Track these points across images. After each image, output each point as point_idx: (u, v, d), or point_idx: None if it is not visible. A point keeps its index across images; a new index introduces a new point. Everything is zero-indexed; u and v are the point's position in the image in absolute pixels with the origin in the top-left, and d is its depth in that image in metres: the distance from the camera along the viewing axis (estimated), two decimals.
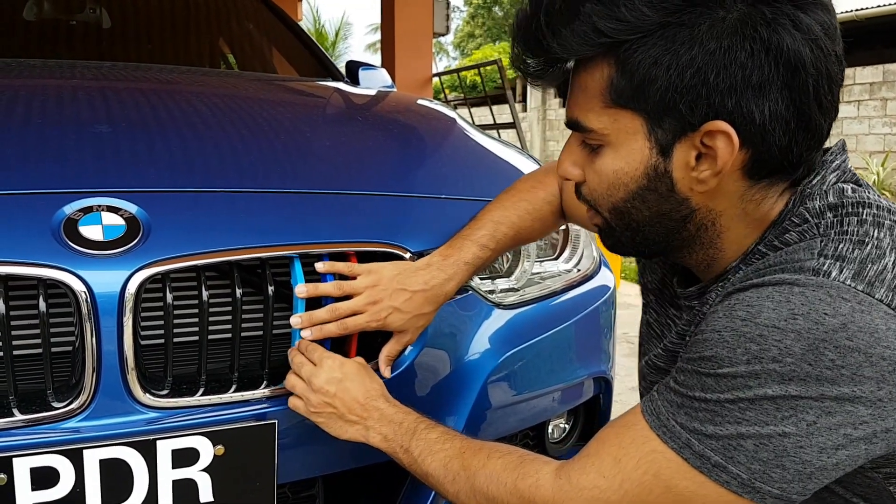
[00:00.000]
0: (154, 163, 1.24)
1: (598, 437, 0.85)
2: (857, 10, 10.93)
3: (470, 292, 1.35)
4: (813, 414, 0.71)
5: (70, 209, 1.05)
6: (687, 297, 0.94)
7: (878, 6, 10.77)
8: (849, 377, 0.70)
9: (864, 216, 0.78)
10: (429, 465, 0.96)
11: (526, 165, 1.71)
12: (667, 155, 0.80)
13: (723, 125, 0.76)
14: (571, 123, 0.86)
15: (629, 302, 5.10)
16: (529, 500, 0.86)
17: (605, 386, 1.65)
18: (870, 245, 0.75)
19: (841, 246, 0.75)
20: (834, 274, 0.73)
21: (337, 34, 21.96)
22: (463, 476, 0.92)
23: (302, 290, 1.10)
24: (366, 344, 1.22)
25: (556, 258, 1.61)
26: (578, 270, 1.61)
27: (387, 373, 1.19)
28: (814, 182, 0.82)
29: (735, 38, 0.74)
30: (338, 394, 1.06)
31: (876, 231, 0.76)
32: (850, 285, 0.72)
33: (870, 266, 0.73)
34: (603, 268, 1.68)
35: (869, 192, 0.82)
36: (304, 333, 1.12)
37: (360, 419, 1.05)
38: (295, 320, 1.12)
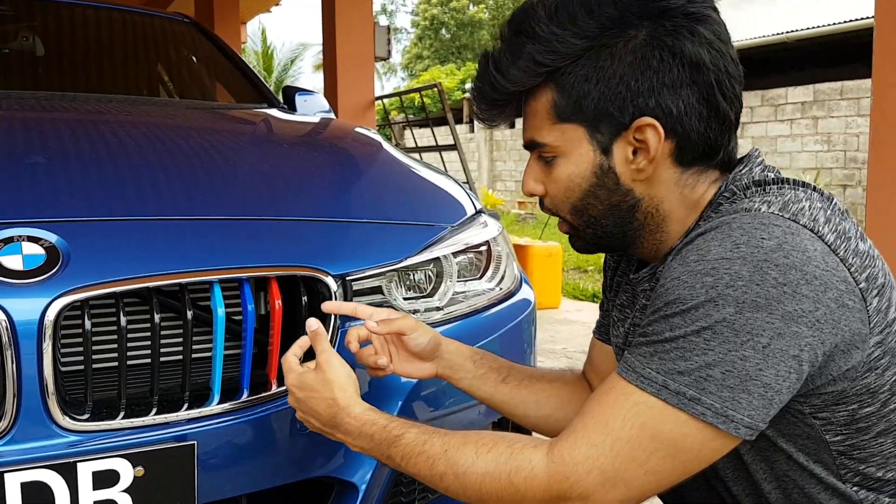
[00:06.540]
0: (76, 192, 1.27)
1: (582, 412, 0.90)
2: (787, 32, 11.32)
3: None
4: (766, 336, 0.80)
5: None
6: (640, 281, 1.05)
7: (808, 28, 11.17)
8: (790, 294, 0.81)
9: (784, 187, 0.93)
10: (413, 469, 0.98)
11: (450, 187, 1.78)
12: (608, 153, 0.96)
13: (649, 120, 0.92)
14: (528, 144, 1.02)
15: (570, 318, 5.19)
16: (527, 491, 0.89)
17: None
18: (788, 195, 0.90)
19: (769, 196, 0.90)
20: (763, 209, 0.87)
21: (293, 61, 21.97)
22: (451, 476, 0.94)
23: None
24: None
25: (480, 277, 1.67)
26: (501, 289, 1.67)
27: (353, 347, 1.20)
28: (742, 171, 0.97)
29: (646, 49, 0.91)
30: (307, 403, 1.08)
31: (792, 191, 0.91)
32: (778, 214, 0.86)
33: (792, 205, 0.88)
34: (524, 285, 1.75)
35: (787, 179, 0.97)
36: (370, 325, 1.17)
37: (333, 432, 1.08)
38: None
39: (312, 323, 1.13)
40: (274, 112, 2.33)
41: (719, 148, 0.96)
